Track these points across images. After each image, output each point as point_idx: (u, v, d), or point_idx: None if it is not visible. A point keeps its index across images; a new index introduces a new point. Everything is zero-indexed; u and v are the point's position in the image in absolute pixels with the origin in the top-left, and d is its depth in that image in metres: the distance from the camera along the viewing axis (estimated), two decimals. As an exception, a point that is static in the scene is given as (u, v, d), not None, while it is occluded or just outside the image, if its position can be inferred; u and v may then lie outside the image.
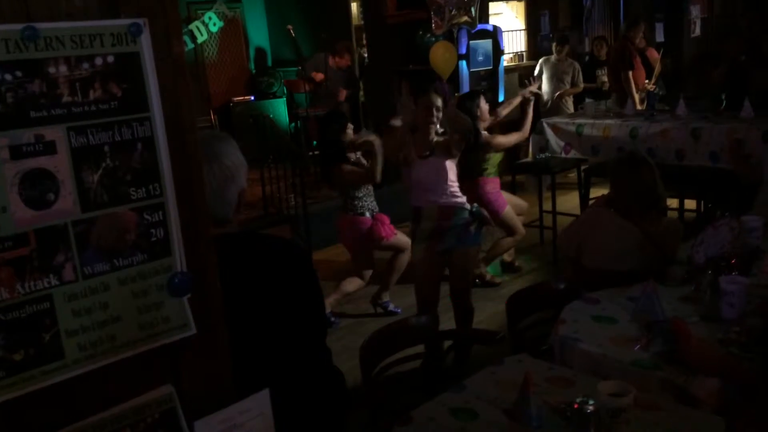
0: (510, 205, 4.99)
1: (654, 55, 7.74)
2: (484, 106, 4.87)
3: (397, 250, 4.56)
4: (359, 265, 4.60)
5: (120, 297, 0.98)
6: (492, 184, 4.86)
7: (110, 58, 0.94)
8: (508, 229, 4.93)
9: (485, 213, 3.99)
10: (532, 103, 5.09)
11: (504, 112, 5.15)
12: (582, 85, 7.68)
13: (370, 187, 4.51)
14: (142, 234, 0.99)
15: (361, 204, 4.45)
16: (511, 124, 5.30)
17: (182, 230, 1.03)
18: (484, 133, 4.82)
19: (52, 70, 0.89)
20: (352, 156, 4.46)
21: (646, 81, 7.30)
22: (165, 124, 1.00)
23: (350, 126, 4.50)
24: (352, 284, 4.60)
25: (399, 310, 4.61)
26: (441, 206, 3.66)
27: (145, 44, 0.97)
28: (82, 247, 0.94)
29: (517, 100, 5.18)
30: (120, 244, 0.97)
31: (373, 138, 4.27)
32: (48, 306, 0.92)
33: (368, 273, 4.61)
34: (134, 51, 0.96)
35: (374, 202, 4.55)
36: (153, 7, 0.98)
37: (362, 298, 4.77)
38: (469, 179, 4.48)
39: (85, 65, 0.92)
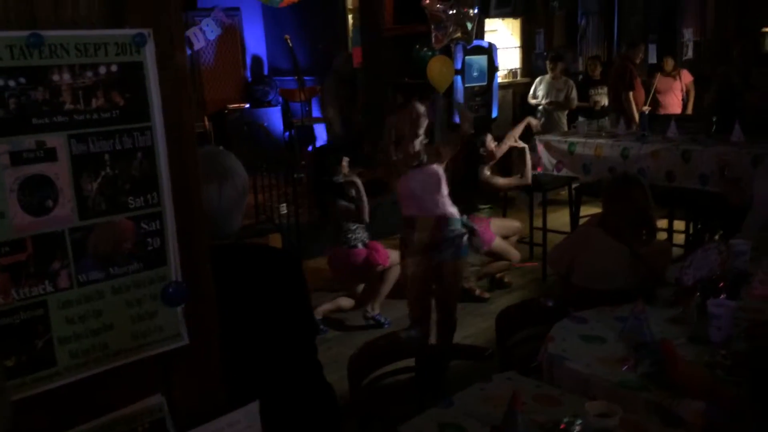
0: (503, 229, 5.04)
1: (688, 77, 7.85)
2: (490, 144, 4.89)
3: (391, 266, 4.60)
4: (351, 292, 4.66)
5: (114, 305, 0.98)
6: (480, 223, 4.88)
7: (114, 68, 0.94)
8: (501, 257, 4.98)
9: (474, 225, 3.98)
10: (528, 151, 5.13)
11: (504, 148, 5.18)
12: (576, 102, 7.75)
13: None
14: (139, 243, 1.00)
15: (354, 236, 4.48)
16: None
17: (179, 240, 1.03)
18: (486, 173, 4.84)
19: (55, 77, 0.89)
20: (352, 191, 4.49)
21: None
22: (165, 134, 1.00)
23: (345, 159, 4.53)
24: (348, 301, 4.66)
25: (389, 323, 4.61)
26: (436, 217, 3.61)
27: (149, 54, 0.98)
28: (79, 255, 0.94)
29: (517, 131, 5.20)
30: (116, 253, 0.97)
31: (356, 180, 4.35)
32: (42, 312, 0.92)
33: (360, 287, 4.65)
34: (138, 61, 0.97)
35: (366, 232, 4.58)
36: (157, 17, 0.99)
37: (353, 309, 4.77)
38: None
39: (89, 74, 0.92)
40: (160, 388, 1.04)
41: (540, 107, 7.88)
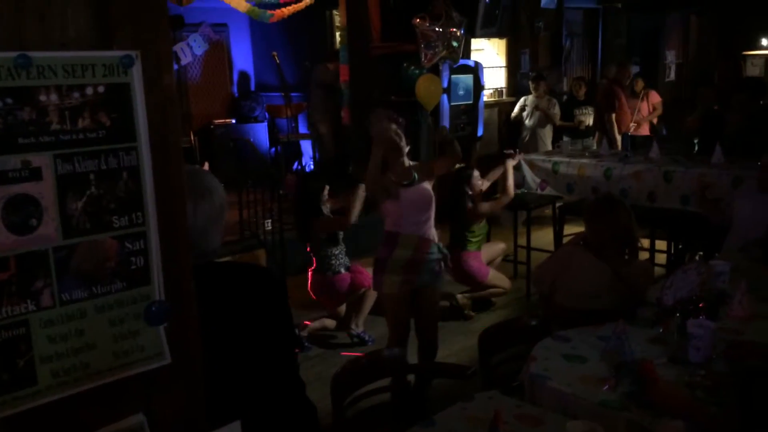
0: (490, 254, 5.09)
1: (655, 98, 7.98)
2: (477, 183, 4.89)
3: None
4: (336, 313, 4.67)
5: (96, 324, 0.98)
6: (474, 259, 4.91)
7: (101, 88, 0.95)
8: (494, 287, 5.04)
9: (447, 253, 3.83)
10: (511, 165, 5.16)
11: (489, 182, 5.22)
12: (557, 118, 7.84)
13: (343, 244, 4.55)
14: (122, 262, 1.00)
15: (337, 262, 4.50)
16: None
17: (162, 259, 1.04)
18: (469, 204, 4.86)
19: (42, 98, 0.90)
20: (325, 208, 4.50)
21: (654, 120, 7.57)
22: (151, 154, 1.01)
23: (326, 188, 4.55)
24: (332, 322, 4.69)
25: (373, 339, 4.61)
26: (421, 237, 3.53)
27: (136, 76, 0.99)
28: (62, 274, 0.94)
29: (500, 170, 5.25)
30: (99, 272, 0.97)
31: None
32: (24, 331, 0.92)
33: (342, 314, 4.67)
34: (125, 82, 0.98)
35: (346, 256, 4.59)
36: (145, 39, 1.00)
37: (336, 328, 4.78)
38: (451, 252, 4.12)
39: (76, 94, 0.93)
40: (141, 407, 1.04)
41: (525, 124, 7.97)
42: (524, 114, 7.98)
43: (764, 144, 5.09)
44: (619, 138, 7.70)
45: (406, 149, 3.55)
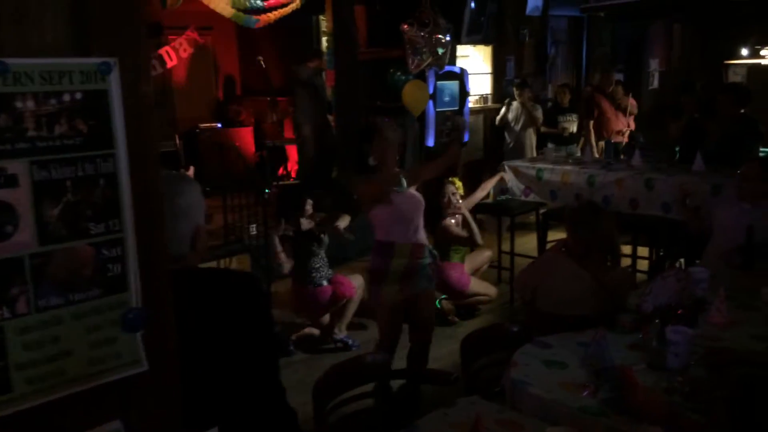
0: (476, 263, 5.10)
1: (632, 102, 8.09)
2: (452, 200, 4.87)
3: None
4: (326, 324, 4.67)
5: (73, 331, 0.98)
6: (454, 269, 4.92)
7: (78, 95, 0.95)
8: (479, 295, 5.05)
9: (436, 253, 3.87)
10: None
11: (476, 200, 5.25)
12: (540, 121, 7.92)
13: (323, 254, 4.55)
14: (99, 269, 1.00)
15: (318, 275, 4.49)
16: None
17: (139, 266, 1.04)
18: (448, 221, 4.87)
19: (19, 104, 0.90)
20: (307, 222, 4.51)
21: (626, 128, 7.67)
22: (129, 160, 1.01)
23: (309, 202, 4.55)
24: (317, 331, 4.69)
25: (357, 345, 4.61)
26: (414, 244, 3.49)
27: (114, 82, 0.99)
28: (38, 280, 0.94)
29: (489, 185, 5.26)
30: (76, 279, 0.97)
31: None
32: (-2, 338, 0.91)
33: (326, 324, 4.67)
34: (103, 89, 0.98)
35: (329, 268, 4.59)
36: (123, 46, 1.00)
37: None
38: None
39: (53, 101, 0.93)
40: (118, 414, 1.04)
41: (511, 129, 8.03)
42: (510, 117, 8.03)
43: (744, 153, 5.16)
44: (597, 144, 7.79)
45: (396, 159, 3.58)
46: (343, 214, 4.87)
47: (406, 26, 6.68)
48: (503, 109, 8.13)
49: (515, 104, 8.02)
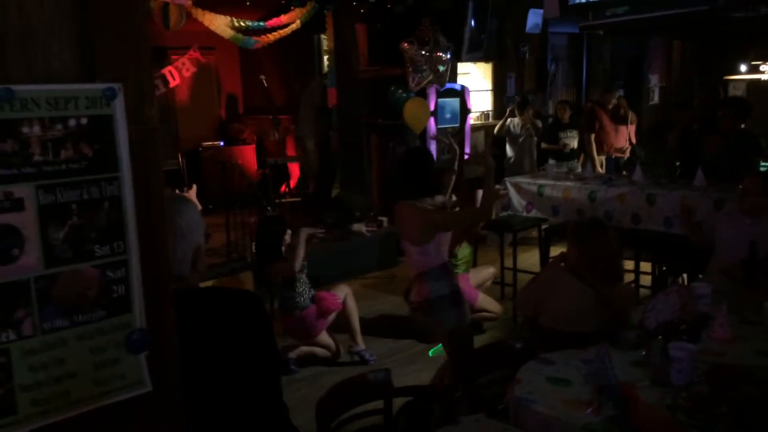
0: (479, 279, 5.08)
1: (633, 118, 8.13)
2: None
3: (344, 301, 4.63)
4: (324, 344, 4.63)
5: (77, 353, 0.99)
6: (463, 281, 4.89)
7: (83, 120, 0.97)
8: (484, 311, 5.04)
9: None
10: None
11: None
12: (539, 130, 7.97)
13: (305, 277, 4.55)
14: (104, 290, 1.01)
15: (302, 299, 4.48)
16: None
17: (144, 287, 1.05)
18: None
19: (25, 130, 0.92)
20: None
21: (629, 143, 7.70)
22: (133, 183, 1.03)
23: (288, 232, 4.57)
24: (323, 352, 4.63)
25: (374, 359, 4.61)
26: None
27: (119, 107, 1.00)
28: (43, 303, 0.95)
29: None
30: (81, 301, 0.98)
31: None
32: (4, 360, 0.92)
33: (334, 345, 4.64)
34: (108, 114, 0.99)
35: (310, 290, 4.57)
36: (128, 72, 1.02)
37: (330, 358, 4.76)
38: None
39: (59, 126, 0.95)
40: (121, 435, 1.05)
41: (509, 148, 8.07)
42: (512, 131, 8.08)
43: (745, 167, 5.17)
44: (599, 159, 7.81)
45: None
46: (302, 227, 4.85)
47: (406, 45, 6.73)
48: (504, 120, 8.19)
49: (516, 121, 8.07)
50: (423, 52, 6.69)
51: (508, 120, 8.21)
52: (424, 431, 2.26)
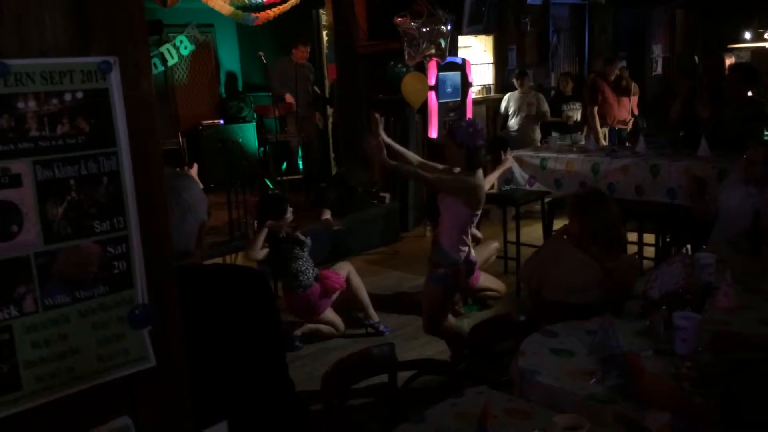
0: (483, 255, 5.07)
1: (635, 90, 8.05)
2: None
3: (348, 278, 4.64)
4: (328, 321, 4.64)
5: (80, 329, 0.99)
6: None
7: (79, 94, 0.96)
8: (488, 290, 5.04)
9: None
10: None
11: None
12: (549, 115, 7.88)
13: (308, 256, 4.55)
14: (105, 266, 1.00)
15: (305, 277, 4.48)
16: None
17: (145, 263, 1.04)
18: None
19: (20, 105, 0.90)
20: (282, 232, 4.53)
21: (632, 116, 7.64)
22: (131, 158, 1.01)
23: (290, 210, 4.55)
24: (327, 329, 4.66)
25: (389, 330, 4.65)
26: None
27: (115, 81, 0.99)
28: (44, 279, 0.94)
29: (493, 177, 5.23)
30: (82, 277, 0.98)
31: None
32: (7, 337, 0.92)
33: (339, 322, 4.66)
34: (103, 87, 0.98)
35: (314, 269, 4.58)
36: (123, 45, 1.00)
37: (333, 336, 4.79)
38: None
39: (54, 101, 0.93)
40: (126, 410, 1.05)
41: (512, 121, 8.00)
42: (511, 109, 8.01)
43: (750, 136, 5.13)
44: (602, 131, 7.75)
45: None
46: (324, 208, 4.90)
47: (399, 19, 6.66)
48: (503, 104, 8.12)
49: (516, 94, 8.00)
50: (417, 26, 6.60)
51: (506, 96, 8.15)
52: (428, 403, 2.28)
